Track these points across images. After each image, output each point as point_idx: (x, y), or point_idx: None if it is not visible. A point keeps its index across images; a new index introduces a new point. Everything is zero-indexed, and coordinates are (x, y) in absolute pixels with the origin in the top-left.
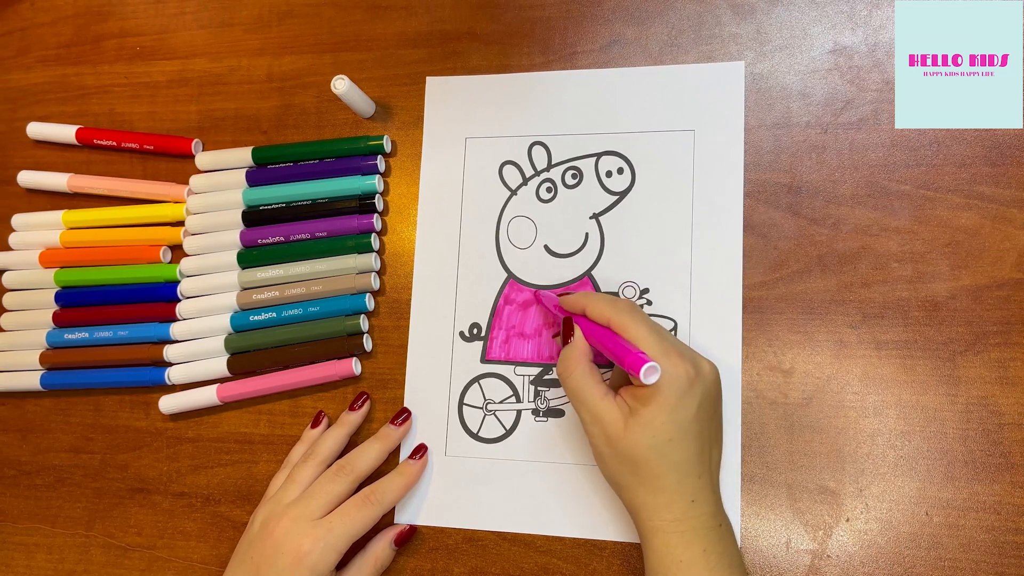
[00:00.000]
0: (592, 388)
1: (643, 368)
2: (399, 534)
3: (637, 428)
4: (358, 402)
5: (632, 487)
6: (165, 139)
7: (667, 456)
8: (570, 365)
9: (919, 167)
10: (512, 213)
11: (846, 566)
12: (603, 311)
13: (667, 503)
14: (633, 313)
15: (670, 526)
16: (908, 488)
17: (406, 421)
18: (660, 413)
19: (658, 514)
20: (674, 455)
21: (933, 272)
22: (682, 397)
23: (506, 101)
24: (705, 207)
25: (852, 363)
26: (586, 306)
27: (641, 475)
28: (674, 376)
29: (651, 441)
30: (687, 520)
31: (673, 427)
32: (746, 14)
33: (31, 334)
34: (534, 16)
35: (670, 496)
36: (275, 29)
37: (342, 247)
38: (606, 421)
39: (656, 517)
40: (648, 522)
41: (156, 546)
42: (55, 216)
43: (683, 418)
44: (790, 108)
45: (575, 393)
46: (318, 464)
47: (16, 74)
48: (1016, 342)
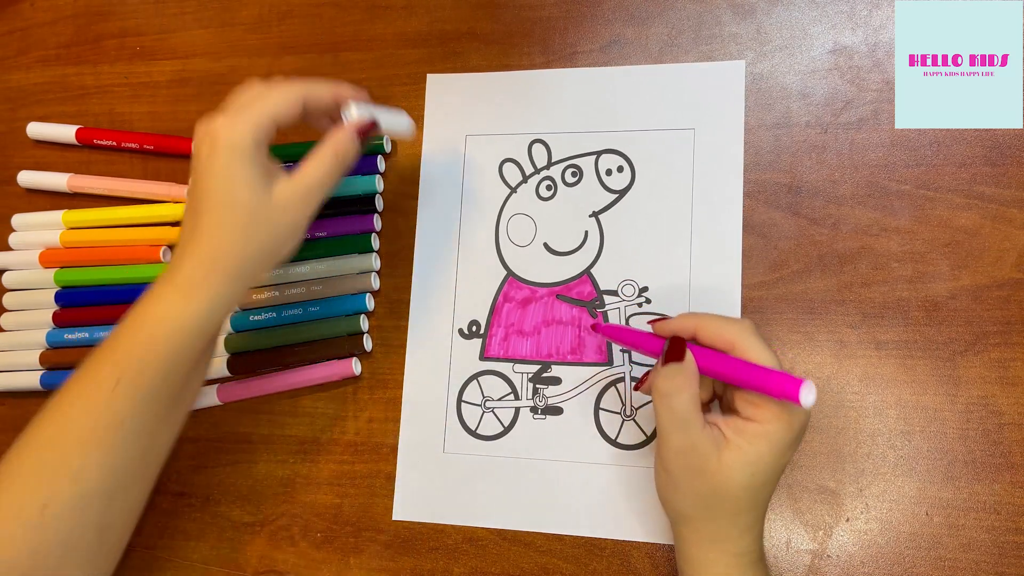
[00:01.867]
0: (698, 415)
1: (802, 390)
2: (361, 126)
3: (737, 465)
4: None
5: (702, 519)
6: (165, 139)
7: (758, 495)
8: (681, 385)
9: (919, 167)
10: (512, 211)
11: (846, 566)
12: (724, 333)
13: (737, 537)
14: (756, 335)
15: (732, 559)
16: (908, 488)
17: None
18: (768, 454)
19: (723, 547)
20: (763, 495)
21: (933, 272)
22: (792, 441)
23: (507, 99)
24: (705, 206)
25: (852, 363)
26: (698, 328)
27: (721, 509)
28: (791, 417)
29: (749, 481)
30: (749, 554)
31: (774, 469)
32: (746, 14)
33: (31, 334)
34: (534, 16)
35: (741, 531)
36: (275, 29)
37: (342, 247)
38: (701, 453)
39: (719, 549)
40: (709, 553)
41: (156, 546)
42: (55, 216)
43: (784, 462)
44: (790, 108)
45: (680, 416)
46: None
47: (16, 74)
48: (1016, 342)
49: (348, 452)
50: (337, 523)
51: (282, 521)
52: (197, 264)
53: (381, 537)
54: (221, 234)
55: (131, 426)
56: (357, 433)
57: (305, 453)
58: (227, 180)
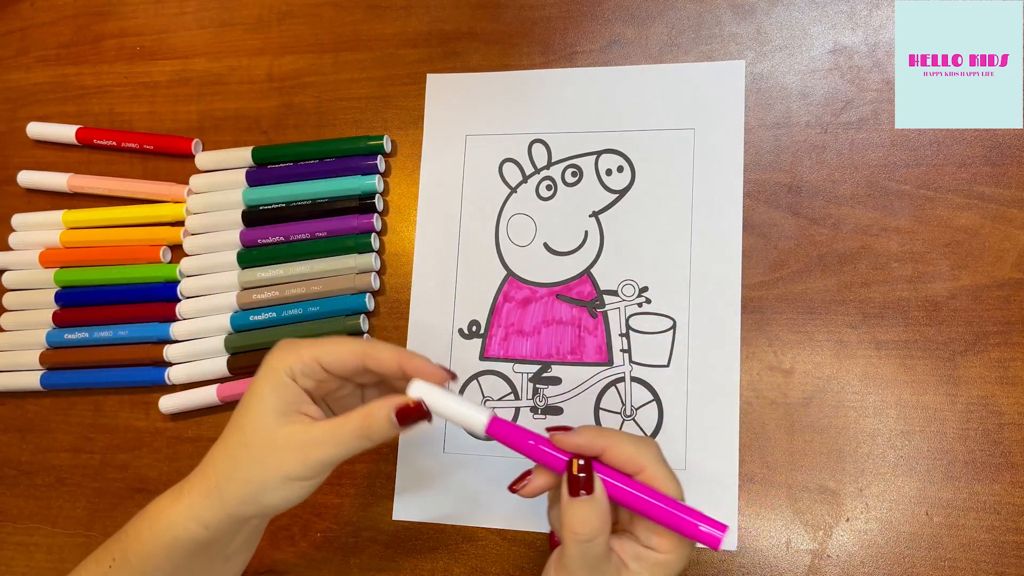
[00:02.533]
0: (608, 553)
1: (722, 537)
2: (402, 406)
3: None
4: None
5: None
6: (165, 139)
7: None
8: (597, 529)
9: (919, 167)
10: (512, 211)
11: (846, 566)
12: (634, 457)
13: None
14: (663, 461)
15: None
16: (908, 488)
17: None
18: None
19: None
20: None
21: (933, 272)
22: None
23: (507, 98)
24: (705, 206)
25: (852, 363)
26: (606, 449)
27: None
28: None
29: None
30: None
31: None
32: (746, 14)
33: (31, 334)
34: (534, 16)
35: None
36: (275, 29)
37: (342, 247)
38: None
39: None
40: None
41: None
42: (55, 216)
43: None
44: (790, 108)
45: (594, 557)
46: None
47: (16, 74)
48: (1016, 342)
49: None
50: (337, 523)
51: (282, 521)
52: (198, 468)
53: (381, 537)
54: (218, 446)
55: None
56: None
57: None
58: (248, 397)
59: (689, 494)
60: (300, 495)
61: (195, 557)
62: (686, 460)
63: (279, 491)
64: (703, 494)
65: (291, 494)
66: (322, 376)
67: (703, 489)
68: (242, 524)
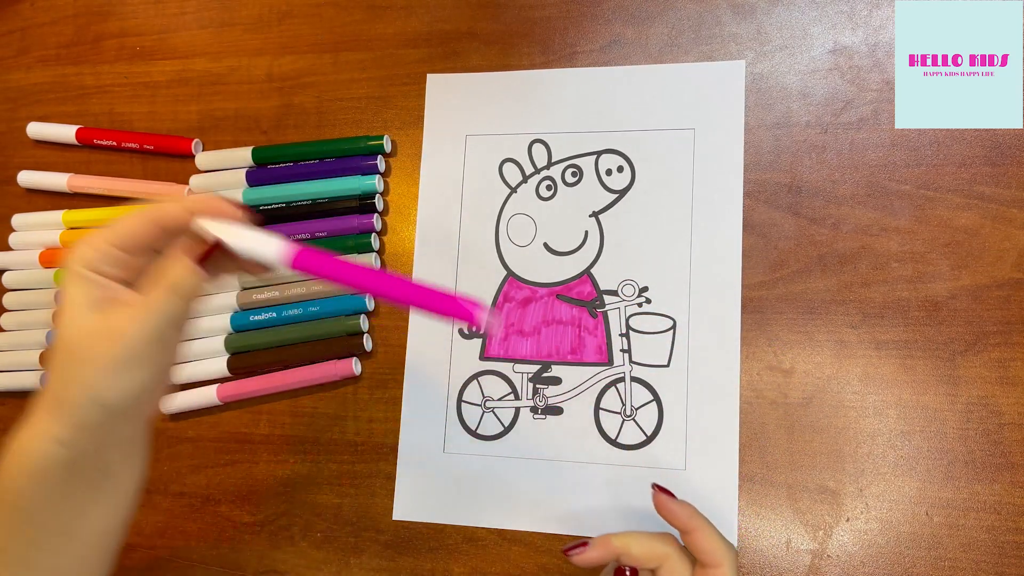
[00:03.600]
0: None
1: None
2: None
3: None
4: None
5: None
6: (165, 139)
7: None
8: None
9: (919, 167)
10: (512, 211)
11: (846, 566)
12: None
13: None
14: (684, 555)
15: None
16: (908, 488)
17: None
18: None
19: None
20: None
21: (933, 272)
22: None
23: (507, 98)
24: (705, 206)
25: (852, 363)
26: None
27: None
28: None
29: None
30: None
31: None
32: (746, 14)
33: (31, 334)
34: (534, 16)
35: None
36: (275, 29)
37: (342, 247)
38: None
39: None
40: None
41: (156, 546)
42: (55, 216)
43: None
44: (790, 108)
45: None
46: None
47: (16, 74)
48: (1016, 342)
49: (348, 452)
50: (337, 523)
51: (282, 521)
52: (39, 392)
53: (381, 537)
54: (50, 362)
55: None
56: (357, 433)
57: (305, 453)
58: (59, 305)
59: (689, 494)
60: (140, 384)
61: (69, 481)
62: (686, 460)
63: (113, 383)
64: (703, 494)
65: (128, 384)
66: (124, 257)
67: (703, 489)
68: (103, 434)
